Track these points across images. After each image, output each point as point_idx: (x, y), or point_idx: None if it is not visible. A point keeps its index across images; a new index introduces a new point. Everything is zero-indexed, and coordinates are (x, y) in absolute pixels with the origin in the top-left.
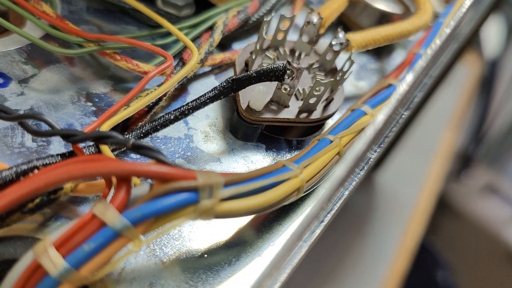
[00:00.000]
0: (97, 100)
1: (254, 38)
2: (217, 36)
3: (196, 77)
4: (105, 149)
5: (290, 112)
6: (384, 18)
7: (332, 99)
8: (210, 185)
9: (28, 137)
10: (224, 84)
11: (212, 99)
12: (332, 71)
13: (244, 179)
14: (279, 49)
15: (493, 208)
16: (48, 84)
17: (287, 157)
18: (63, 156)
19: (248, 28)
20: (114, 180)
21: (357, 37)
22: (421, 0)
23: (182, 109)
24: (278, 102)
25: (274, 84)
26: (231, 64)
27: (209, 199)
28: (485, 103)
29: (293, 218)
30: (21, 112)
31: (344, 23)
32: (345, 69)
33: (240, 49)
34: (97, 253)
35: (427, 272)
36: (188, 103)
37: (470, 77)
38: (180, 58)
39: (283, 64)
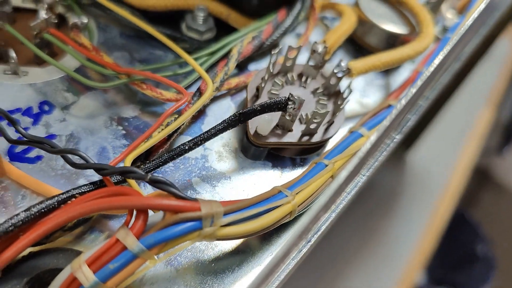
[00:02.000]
0: (126, 124)
1: (268, 59)
2: (232, 65)
3: (213, 99)
4: (131, 181)
5: (293, 136)
6: (391, 38)
7: (333, 122)
8: (211, 215)
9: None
10: (232, 117)
11: (221, 131)
12: (335, 94)
13: (242, 207)
14: (288, 75)
15: None
16: (86, 111)
17: (292, 173)
18: (95, 184)
19: (262, 51)
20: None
21: (358, 65)
22: (424, 22)
23: (195, 140)
24: (283, 127)
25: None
26: (246, 86)
27: (210, 227)
28: None
29: (289, 231)
30: (64, 137)
31: (354, 41)
32: (344, 95)
33: (255, 70)
34: (119, 270)
35: (466, 244)
36: (201, 134)
37: None
38: (198, 88)
39: (285, 97)
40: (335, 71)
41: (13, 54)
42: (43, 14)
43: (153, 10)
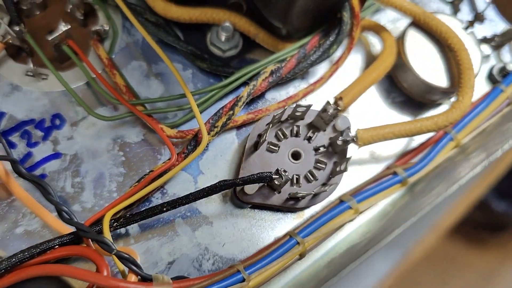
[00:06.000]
0: (128, 149)
1: (288, 87)
2: (238, 109)
3: None
4: None
5: (278, 198)
6: (427, 87)
7: (325, 191)
8: None
9: (68, 183)
10: (212, 186)
11: (200, 198)
12: (339, 154)
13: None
14: (295, 124)
15: None
16: (93, 129)
17: (275, 225)
18: (74, 234)
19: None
20: None
21: (366, 136)
22: (464, 88)
23: (172, 203)
24: (271, 187)
25: None
26: (254, 122)
27: None
28: None
29: None
30: (68, 157)
31: (392, 79)
32: (341, 167)
33: (271, 101)
34: None
35: None
36: (179, 198)
37: None
38: (195, 135)
39: (270, 173)
40: (341, 137)
41: (30, 65)
42: (62, 27)
43: (177, 21)
